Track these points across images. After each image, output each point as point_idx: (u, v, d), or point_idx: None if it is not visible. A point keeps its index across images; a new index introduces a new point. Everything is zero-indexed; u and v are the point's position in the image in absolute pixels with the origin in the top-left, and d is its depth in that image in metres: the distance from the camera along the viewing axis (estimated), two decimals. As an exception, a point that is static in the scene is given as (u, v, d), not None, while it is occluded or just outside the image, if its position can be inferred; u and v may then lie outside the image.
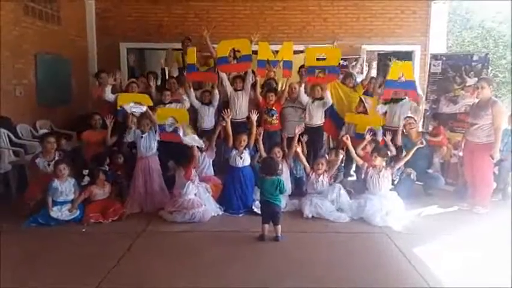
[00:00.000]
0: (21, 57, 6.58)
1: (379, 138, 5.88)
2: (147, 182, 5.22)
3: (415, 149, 5.28)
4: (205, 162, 5.57)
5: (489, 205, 5.17)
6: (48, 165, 5.01)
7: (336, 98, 6.41)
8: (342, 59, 8.26)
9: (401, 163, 5.25)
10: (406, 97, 6.10)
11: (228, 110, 5.57)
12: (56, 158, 5.10)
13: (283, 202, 4.75)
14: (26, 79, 6.72)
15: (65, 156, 5.31)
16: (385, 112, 6.08)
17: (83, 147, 5.97)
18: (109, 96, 6.13)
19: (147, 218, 4.92)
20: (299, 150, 5.43)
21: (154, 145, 5.29)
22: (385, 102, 6.13)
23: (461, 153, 5.63)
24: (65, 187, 4.78)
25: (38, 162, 5.06)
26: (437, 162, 6.18)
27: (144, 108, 5.24)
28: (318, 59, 6.10)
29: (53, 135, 5.39)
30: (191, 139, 5.13)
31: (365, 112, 6.05)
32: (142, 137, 5.22)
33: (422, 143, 5.32)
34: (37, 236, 4.43)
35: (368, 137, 5.63)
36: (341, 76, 6.87)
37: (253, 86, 6.42)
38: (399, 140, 5.73)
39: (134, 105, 5.24)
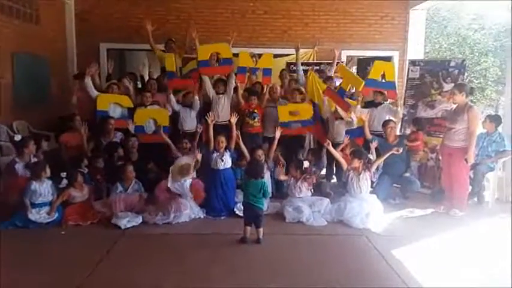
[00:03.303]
0: (-4, 56, 6.44)
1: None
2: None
3: (390, 153, 5.37)
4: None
5: (466, 208, 5.29)
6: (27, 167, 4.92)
7: (318, 98, 6.46)
8: (322, 63, 8.44)
9: (376, 165, 5.33)
10: (385, 102, 6.28)
11: (212, 113, 5.56)
12: (32, 160, 5.03)
13: (265, 205, 4.77)
14: (2, 78, 6.57)
15: (43, 157, 5.22)
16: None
17: (61, 149, 5.86)
18: (93, 90, 6.06)
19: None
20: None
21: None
22: (364, 106, 6.24)
23: (440, 157, 5.77)
24: (43, 189, 4.70)
25: (17, 167, 4.96)
26: (415, 166, 6.31)
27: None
28: (291, 114, 6.15)
29: (32, 139, 5.30)
30: (179, 186, 5.02)
31: (341, 117, 6.10)
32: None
33: (398, 150, 5.41)
34: (14, 238, 4.32)
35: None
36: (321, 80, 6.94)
37: (235, 89, 6.44)
38: (368, 135, 5.83)
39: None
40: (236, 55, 7.68)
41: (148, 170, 5.67)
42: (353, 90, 6.80)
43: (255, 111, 6.24)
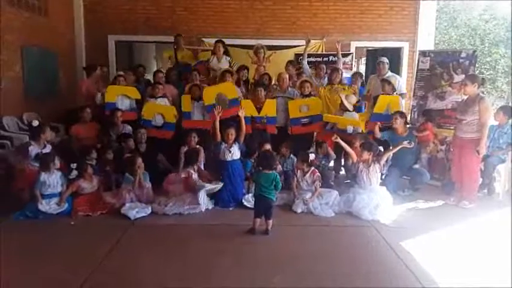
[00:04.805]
0: (6, 48, 6.46)
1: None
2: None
3: (400, 146, 5.32)
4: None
5: (476, 200, 5.25)
6: (38, 155, 4.96)
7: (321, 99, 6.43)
8: (331, 55, 8.39)
9: (385, 157, 5.29)
10: (394, 93, 6.22)
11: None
12: (47, 147, 5.12)
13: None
14: (11, 71, 6.62)
15: (53, 149, 5.26)
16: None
17: (72, 140, 5.89)
18: (100, 100, 6.15)
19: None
20: None
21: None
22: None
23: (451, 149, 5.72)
24: (53, 180, 4.73)
25: (31, 149, 5.00)
26: (425, 158, 6.26)
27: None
28: (301, 109, 6.12)
29: (49, 126, 5.37)
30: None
31: (347, 109, 6.05)
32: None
33: (410, 143, 5.36)
34: (24, 229, 4.37)
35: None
36: (328, 71, 6.89)
37: (245, 82, 6.39)
38: (378, 134, 5.79)
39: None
40: (245, 47, 7.65)
41: (157, 161, 5.69)
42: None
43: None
